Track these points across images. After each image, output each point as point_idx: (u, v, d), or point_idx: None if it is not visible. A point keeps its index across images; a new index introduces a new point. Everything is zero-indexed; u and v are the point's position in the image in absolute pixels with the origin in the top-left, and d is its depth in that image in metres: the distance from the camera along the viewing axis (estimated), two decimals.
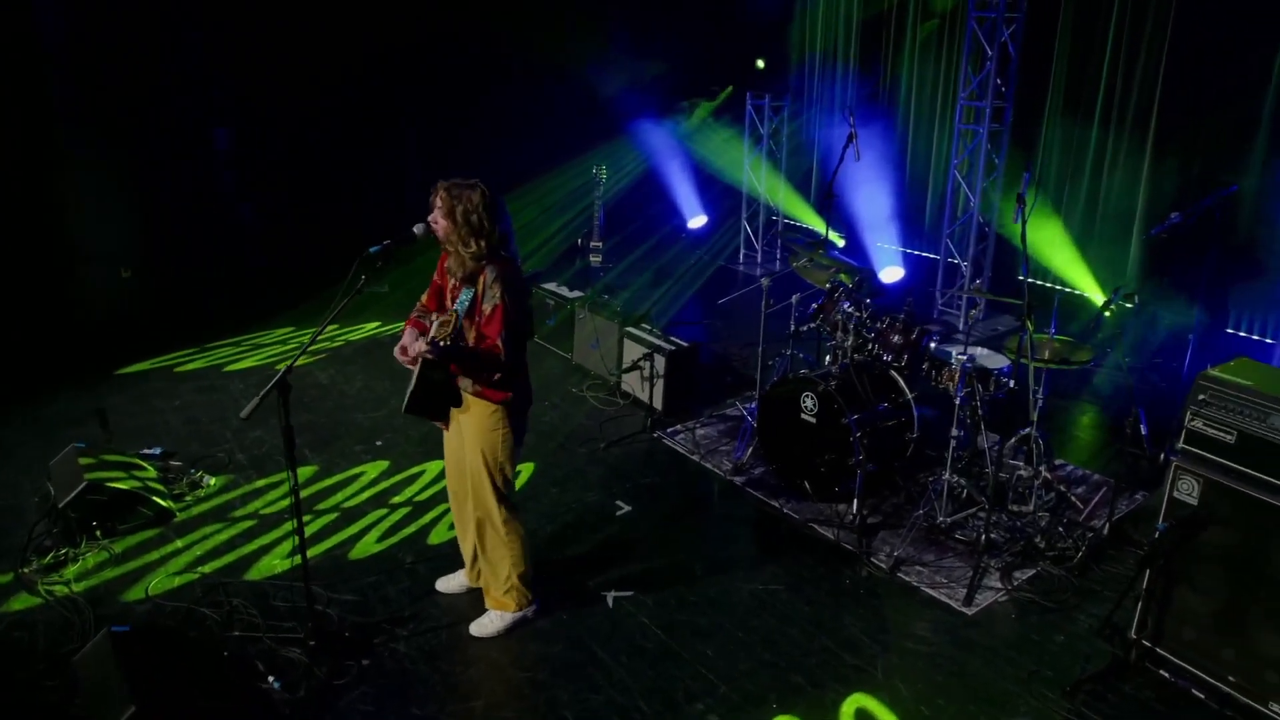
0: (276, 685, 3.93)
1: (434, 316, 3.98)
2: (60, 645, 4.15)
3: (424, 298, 4.12)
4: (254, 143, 9.20)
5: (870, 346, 5.38)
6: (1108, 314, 5.29)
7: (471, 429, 4.05)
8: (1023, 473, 5.25)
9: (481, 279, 3.84)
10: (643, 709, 3.88)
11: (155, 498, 5.27)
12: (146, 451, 5.94)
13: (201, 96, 8.76)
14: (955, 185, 8.36)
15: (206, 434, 6.30)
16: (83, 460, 5.23)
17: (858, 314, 5.36)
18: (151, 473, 5.60)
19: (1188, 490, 3.90)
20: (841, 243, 9.53)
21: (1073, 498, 5.42)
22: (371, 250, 3.77)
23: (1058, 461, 5.94)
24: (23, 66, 7.42)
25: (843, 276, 5.76)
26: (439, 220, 3.81)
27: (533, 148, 10.20)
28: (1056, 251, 8.17)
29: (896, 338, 5.28)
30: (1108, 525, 4.99)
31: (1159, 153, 7.71)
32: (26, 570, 4.74)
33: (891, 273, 9.04)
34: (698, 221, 11.10)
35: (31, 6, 7.39)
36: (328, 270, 3.81)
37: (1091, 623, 4.39)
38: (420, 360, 3.79)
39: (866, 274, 5.83)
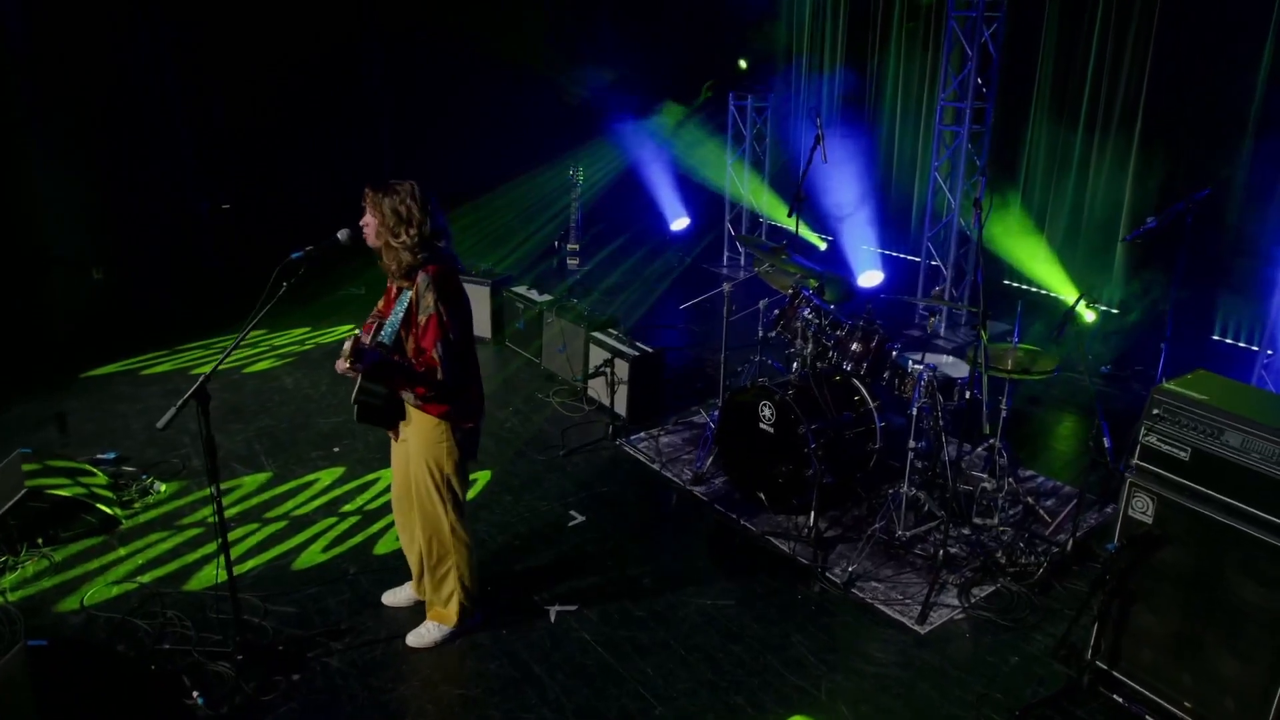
0: (201, 701, 3.82)
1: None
2: None
3: (380, 304, 4.01)
4: (224, 144, 9.09)
5: (830, 354, 5.24)
6: (1086, 321, 5.17)
7: (416, 441, 3.92)
8: (986, 485, 5.11)
9: (418, 284, 3.71)
10: None
11: (100, 505, 5.17)
12: (100, 456, 5.86)
13: (171, 97, 8.66)
14: (936, 188, 8.20)
15: (165, 439, 6.18)
16: (27, 466, 5.13)
17: (817, 321, 5.22)
18: (101, 479, 5.50)
19: (1142, 508, 3.75)
20: (824, 246, 9.40)
21: (1040, 510, 5.27)
22: (294, 256, 3.66)
23: (1027, 472, 5.79)
24: None
25: (811, 282, 5.63)
26: (368, 220, 3.70)
27: (509, 149, 10.11)
28: (1037, 256, 8.02)
29: (856, 346, 5.13)
30: (1071, 540, 4.84)
31: (1144, 155, 7.53)
32: None
33: (871, 276, 8.89)
34: (680, 223, 10.97)
35: None
36: (301, 273, 3.74)
37: (1049, 643, 4.25)
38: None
39: (831, 279, 5.69)
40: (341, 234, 3.73)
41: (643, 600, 4.59)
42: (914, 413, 4.70)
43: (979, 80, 7.71)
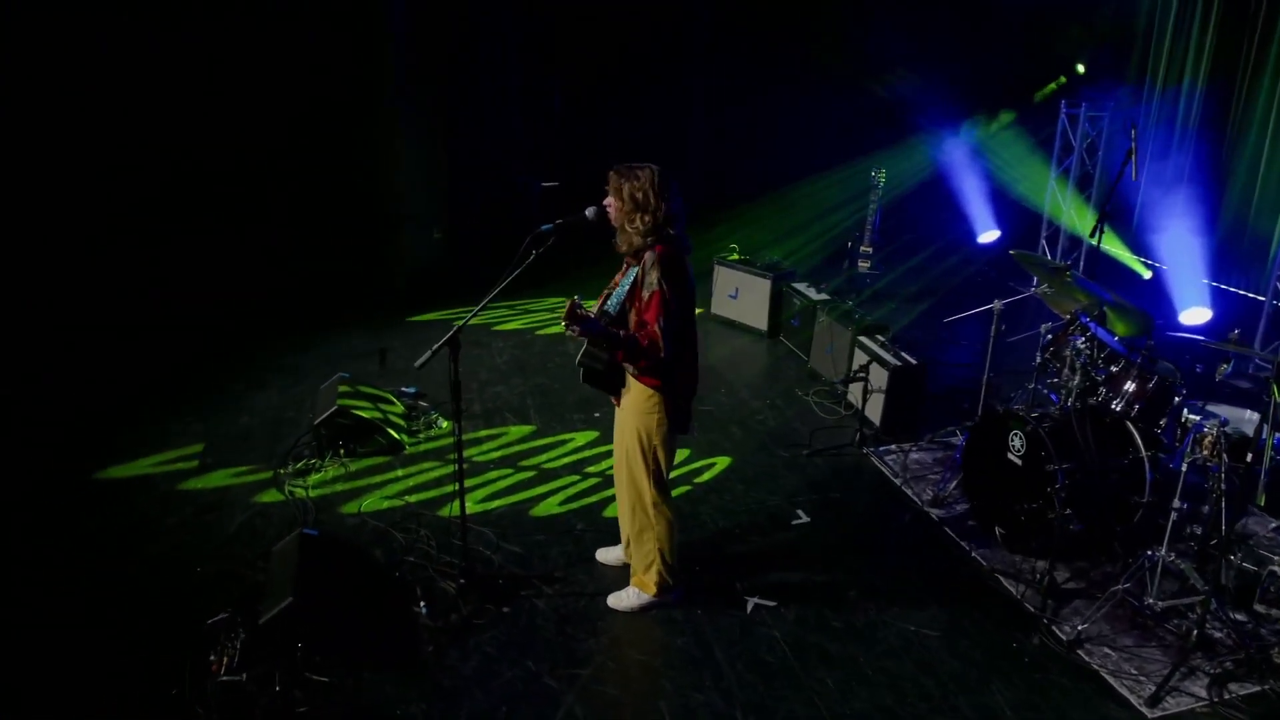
0: (424, 611, 4.34)
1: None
2: (282, 538, 4.88)
3: (617, 276, 4.27)
4: (556, 130, 9.95)
5: (1100, 390, 4.72)
6: None
7: (630, 408, 4.15)
8: (1277, 568, 4.35)
9: (644, 261, 3.89)
10: None
11: (391, 430, 5.98)
12: (403, 390, 6.72)
13: (512, 89, 9.63)
14: None
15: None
16: (342, 389, 6.06)
17: (1089, 352, 4.71)
18: (398, 408, 6.35)
19: None
20: (1147, 274, 8.36)
21: None
22: (543, 228, 4.01)
23: None
24: (370, 47, 8.61)
25: (1094, 309, 5.10)
26: (610, 201, 3.94)
27: (815, 146, 10.07)
28: None
29: (1130, 385, 4.58)
30: None
31: None
32: (283, 471, 5.63)
33: (1196, 313, 7.76)
34: (989, 236, 10.25)
35: None
36: (604, 243, 4.12)
37: None
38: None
39: (1124, 308, 5.11)
40: (590, 211, 4.01)
41: (843, 611, 4.47)
42: (1183, 468, 4.11)
43: None
